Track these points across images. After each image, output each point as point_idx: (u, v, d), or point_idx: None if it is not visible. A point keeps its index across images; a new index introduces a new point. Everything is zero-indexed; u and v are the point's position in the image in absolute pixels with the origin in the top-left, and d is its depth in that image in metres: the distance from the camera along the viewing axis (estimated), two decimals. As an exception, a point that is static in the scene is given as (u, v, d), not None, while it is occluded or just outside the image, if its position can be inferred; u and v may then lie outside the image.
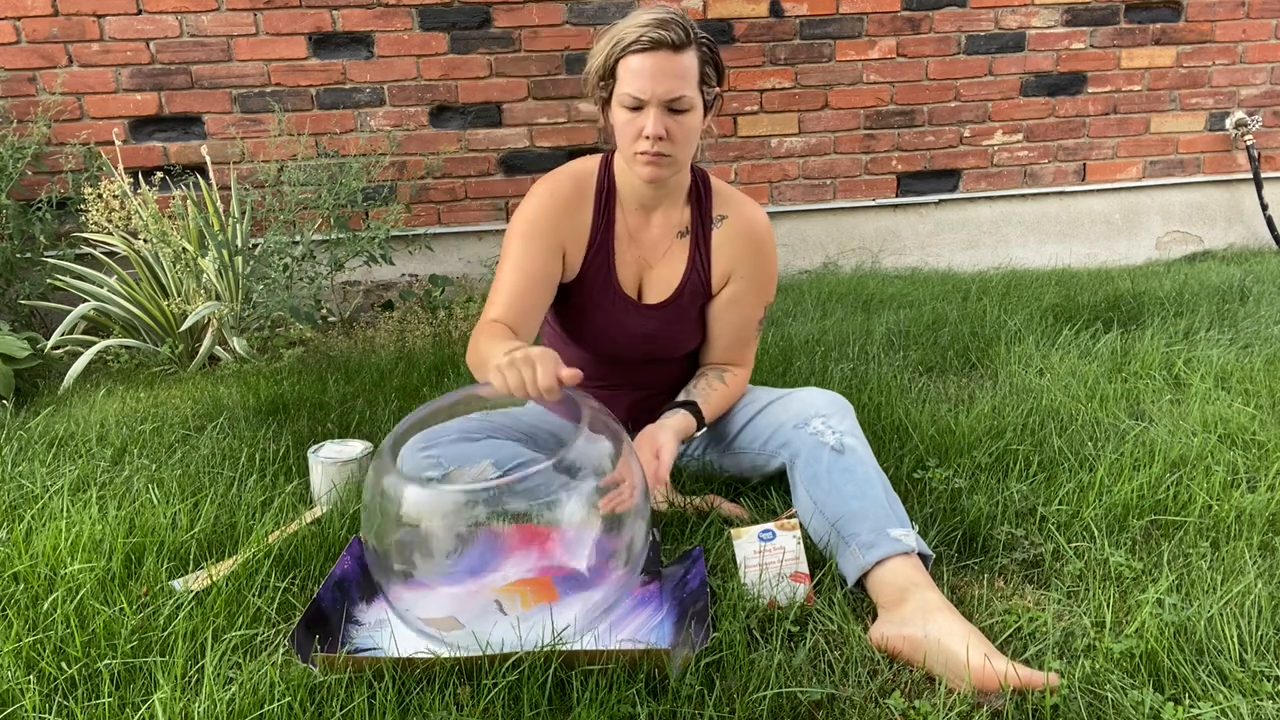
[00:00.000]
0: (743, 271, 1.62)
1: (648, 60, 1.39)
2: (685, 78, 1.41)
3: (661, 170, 1.47)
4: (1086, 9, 3.72)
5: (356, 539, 1.45)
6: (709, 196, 1.63)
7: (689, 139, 1.47)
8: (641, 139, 1.44)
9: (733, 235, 1.62)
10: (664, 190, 1.57)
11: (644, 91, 1.40)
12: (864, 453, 1.45)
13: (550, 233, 1.56)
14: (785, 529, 1.36)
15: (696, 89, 1.44)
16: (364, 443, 1.77)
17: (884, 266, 3.85)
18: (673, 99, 1.41)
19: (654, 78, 1.39)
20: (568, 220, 1.57)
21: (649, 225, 1.61)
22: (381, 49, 3.35)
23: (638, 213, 1.61)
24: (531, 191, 1.60)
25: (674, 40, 1.39)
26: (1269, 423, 1.88)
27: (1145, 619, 1.20)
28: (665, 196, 1.59)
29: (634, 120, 1.43)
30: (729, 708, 1.09)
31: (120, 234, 2.82)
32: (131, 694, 1.13)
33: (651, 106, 1.41)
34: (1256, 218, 4.00)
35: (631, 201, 1.60)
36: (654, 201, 1.59)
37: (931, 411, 2.02)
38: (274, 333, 2.92)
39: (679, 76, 1.40)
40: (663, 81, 1.39)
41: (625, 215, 1.61)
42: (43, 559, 1.42)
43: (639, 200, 1.59)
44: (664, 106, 1.41)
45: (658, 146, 1.43)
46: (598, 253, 1.60)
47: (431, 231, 3.51)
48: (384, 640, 1.29)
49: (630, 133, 1.45)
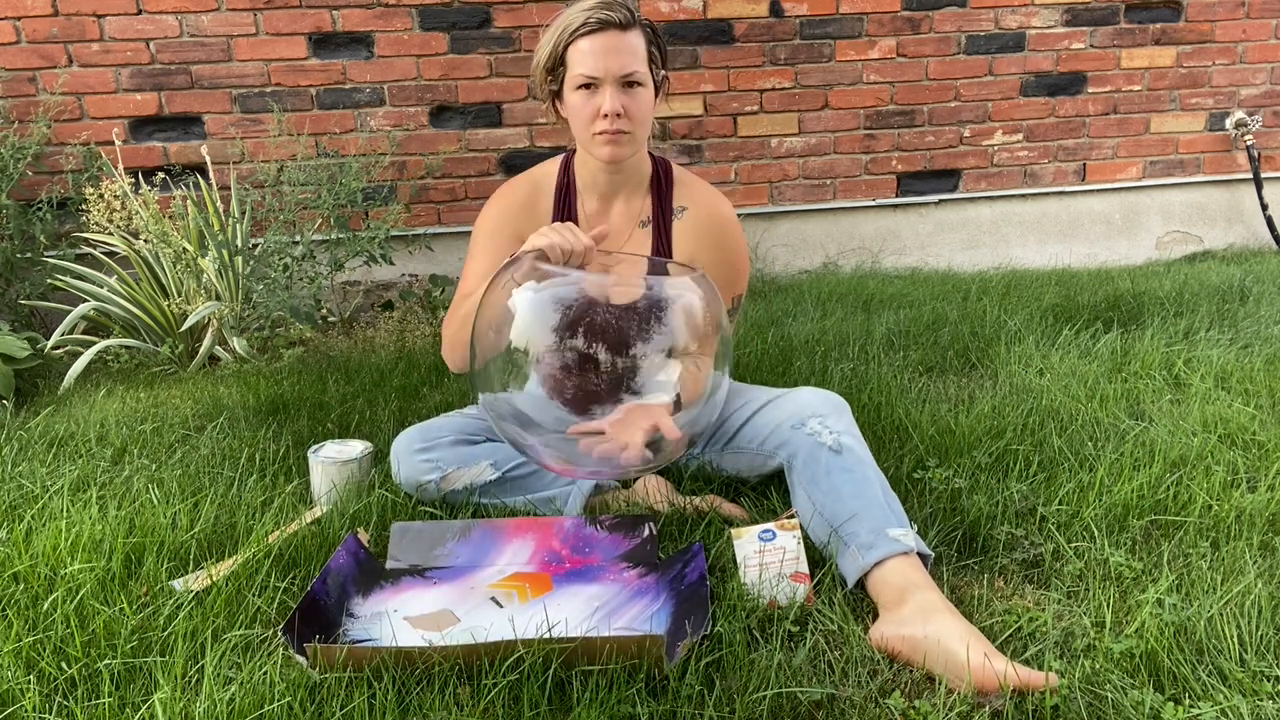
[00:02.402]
0: (707, 257, 1.61)
1: (598, 40, 1.42)
2: (636, 54, 1.45)
3: (621, 149, 1.49)
4: (1086, 9, 3.72)
5: (353, 534, 1.45)
6: (670, 186, 1.63)
7: (645, 116, 1.49)
8: (599, 118, 1.46)
9: (693, 226, 1.62)
10: (622, 176, 1.58)
11: (597, 70, 1.43)
12: (862, 452, 1.46)
13: (509, 229, 1.61)
14: (785, 529, 1.36)
15: (647, 66, 1.47)
16: (364, 443, 1.77)
17: (884, 266, 3.85)
18: (626, 74, 1.44)
19: (606, 54, 1.42)
20: (525, 219, 1.62)
21: (609, 214, 1.62)
22: (381, 49, 3.35)
23: (598, 203, 1.62)
24: (491, 197, 1.66)
25: (621, 19, 1.43)
26: (1269, 423, 1.89)
27: (1145, 619, 1.20)
28: (624, 184, 1.60)
29: (590, 100, 1.46)
30: (729, 708, 1.09)
31: (120, 234, 2.82)
32: (131, 694, 1.13)
33: (606, 84, 1.44)
34: (1256, 218, 4.00)
35: (591, 192, 1.61)
36: (613, 189, 1.60)
37: (931, 411, 2.02)
38: (274, 333, 2.92)
39: (630, 53, 1.43)
40: (615, 58, 1.42)
41: (585, 208, 1.62)
42: (43, 559, 1.42)
43: (598, 189, 1.61)
44: (619, 83, 1.44)
45: (616, 124, 1.45)
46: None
47: (431, 231, 3.51)
48: (380, 633, 1.29)
49: (587, 114, 1.47)
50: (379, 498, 1.66)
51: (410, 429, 1.72)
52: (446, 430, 1.69)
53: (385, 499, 1.66)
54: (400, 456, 1.67)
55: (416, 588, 1.43)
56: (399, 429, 1.82)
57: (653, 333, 1.28)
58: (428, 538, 1.51)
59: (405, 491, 1.69)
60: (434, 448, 1.65)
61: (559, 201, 1.63)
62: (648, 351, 1.28)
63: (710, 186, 1.66)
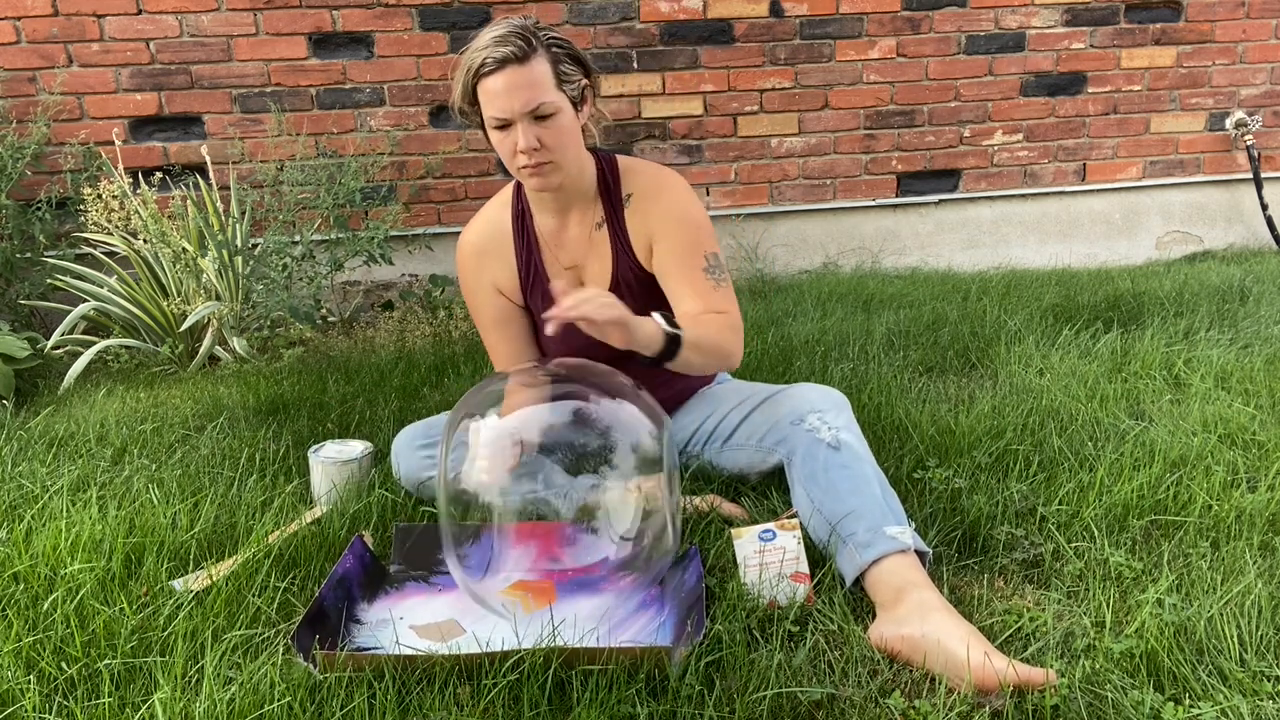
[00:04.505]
0: (659, 229, 1.58)
1: (499, 79, 1.41)
2: (539, 85, 1.42)
3: (549, 178, 1.49)
4: (1086, 9, 3.72)
5: (359, 537, 1.45)
6: (617, 181, 1.61)
7: (565, 141, 1.47)
8: (518, 154, 1.45)
9: (641, 204, 1.60)
10: (566, 192, 1.57)
11: (504, 110, 1.42)
12: (860, 449, 1.45)
13: (480, 280, 1.66)
14: (786, 529, 1.36)
15: (556, 91, 1.44)
16: (364, 443, 1.77)
17: (884, 266, 3.85)
18: (532, 109, 1.42)
19: (509, 94, 1.41)
20: (488, 263, 1.65)
21: (567, 226, 1.62)
22: (381, 49, 3.35)
23: (554, 219, 1.62)
24: (457, 249, 1.70)
25: (517, 53, 1.40)
26: (1269, 423, 1.88)
27: (1145, 619, 1.20)
28: (571, 198, 1.59)
29: (506, 138, 1.46)
30: (729, 708, 1.09)
31: (120, 234, 2.82)
32: (131, 694, 1.13)
33: (517, 122, 1.43)
34: (1256, 218, 4.00)
35: (543, 212, 1.62)
36: (562, 204, 1.60)
37: (931, 411, 2.02)
38: (274, 333, 2.92)
39: (531, 86, 1.41)
40: (518, 96, 1.41)
41: (543, 227, 1.63)
42: (43, 559, 1.42)
43: (550, 208, 1.61)
44: (529, 117, 1.43)
45: (535, 158, 1.45)
46: (530, 277, 1.63)
47: (431, 231, 3.51)
48: (385, 639, 1.29)
49: (507, 151, 1.47)
50: (379, 498, 1.66)
51: (411, 425, 1.72)
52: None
53: (385, 499, 1.66)
54: (401, 453, 1.67)
55: (421, 594, 1.43)
56: (399, 429, 1.82)
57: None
58: (430, 542, 1.51)
59: (405, 489, 1.69)
60: (435, 444, 1.65)
61: (517, 227, 1.64)
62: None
63: (653, 164, 1.65)
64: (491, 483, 1.32)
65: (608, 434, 1.32)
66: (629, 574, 1.38)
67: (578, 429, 1.33)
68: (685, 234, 1.56)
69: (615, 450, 1.31)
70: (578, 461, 1.34)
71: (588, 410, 1.33)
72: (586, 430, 1.33)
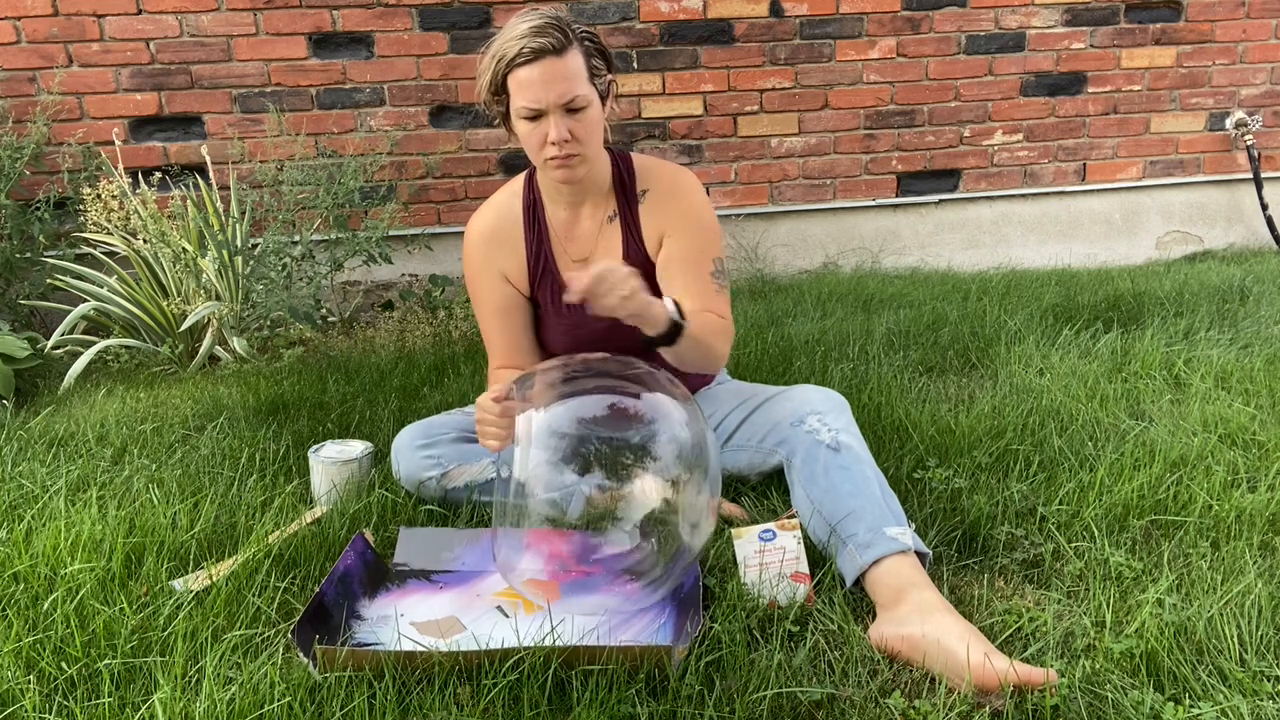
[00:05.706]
0: (672, 226, 1.60)
1: (535, 70, 1.41)
2: (575, 78, 1.43)
3: (575, 170, 1.50)
4: (1086, 9, 3.72)
5: (360, 534, 1.45)
6: (632, 177, 1.63)
7: (593, 134, 1.49)
8: (548, 145, 1.46)
9: (657, 201, 1.62)
10: (583, 185, 1.58)
11: (539, 101, 1.42)
12: (860, 450, 1.46)
13: (488, 266, 1.65)
14: (786, 529, 1.36)
15: (589, 85, 1.46)
16: (364, 443, 1.77)
17: (884, 266, 3.85)
18: (566, 101, 1.42)
19: (545, 85, 1.41)
20: (497, 251, 1.65)
21: (579, 220, 1.63)
22: (381, 49, 3.34)
23: (566, 211, 1.63)
24: (464, 238, 1.68)
25: (555, 45, 1.40)
26: (1269, 423, 1.88)
27: (1145, 619, 1.20)
28: (587, 190, 1.60)
29: (536, 129, 1.46)
30: (729, 708, 1.09)
31: (120, 234, 2.82)
32: (131, 694, 1.13)
33: (550, 113, 1.43)
34: (1256, 218, 4.00)
35: (557, 203, 1.62)
36: (578, 197, 1.61)
37: (931, 411, 2.02)
38: (274, 333, 2.92)
39: (568, 79, 1.42)
40: (554, 87, 1.41)
41: (555, 219, 1.64)
42: (43, 559, 1.42)
43: (564, 200, 1.61)
44: (562, 110, 1.43)
45: (565, 149, 1.45)
46: (539, 266, 1.64)
47: (431, 231, 3.51)
48: (386, 636, 1.29)
49: (535, 142, 1.47)
50: (379, 498, 1.66)
51: (412, 425, 1.72)
52: (448, 427, 1.69)
53: (385, 499, 1.66)
54: (401, 452, 1.67)
55: (423, 591, 1.43)
56: (399, 429, 1.81)
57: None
58: (434, 544, 1.51)
59: (405, 489, 1.69)
60: (435, 444, 1.65)
61: (528, 218, 1.64)
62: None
63: (670, 163, 1.66)
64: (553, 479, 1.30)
65: (652, 427, 1.30)
66: (642, 578, 1.38)
67: (623, 425, 1.32)
68: (700, 238, 1.60)
69: (654, 446, 1.29)
70: (613, 457, 1.32)
71: (637, 408, 1.33)
72: (630, 427, 1.31)
